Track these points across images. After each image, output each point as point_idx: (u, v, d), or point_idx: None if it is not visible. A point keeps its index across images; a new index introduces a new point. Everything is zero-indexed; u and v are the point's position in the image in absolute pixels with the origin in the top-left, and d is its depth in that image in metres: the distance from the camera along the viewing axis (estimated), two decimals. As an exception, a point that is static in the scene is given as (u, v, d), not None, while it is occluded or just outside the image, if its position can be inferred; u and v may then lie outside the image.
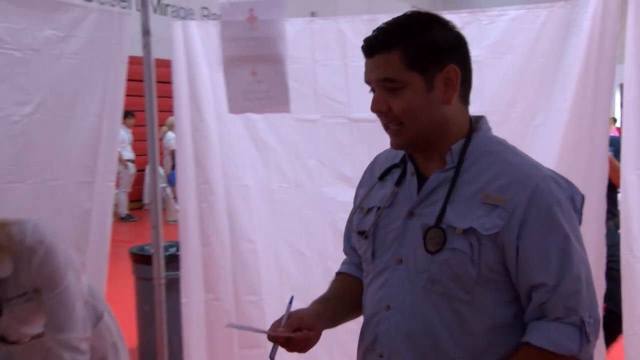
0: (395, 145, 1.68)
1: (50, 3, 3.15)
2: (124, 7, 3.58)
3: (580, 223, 1.65)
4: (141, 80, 3.32)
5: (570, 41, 2.98)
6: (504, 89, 3.13)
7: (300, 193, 3.53)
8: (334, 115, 3.38)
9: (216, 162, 3.53)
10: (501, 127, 2.95)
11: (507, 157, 1.65)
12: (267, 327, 1.79)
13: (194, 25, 3.52)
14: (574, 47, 2.96)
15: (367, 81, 1.67)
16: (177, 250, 4.81)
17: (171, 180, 9.89)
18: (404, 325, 1.64)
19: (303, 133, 3.46)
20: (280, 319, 1.78)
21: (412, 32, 1.62)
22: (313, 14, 3.83)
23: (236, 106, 3.32)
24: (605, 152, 2.99)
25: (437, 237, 1.58)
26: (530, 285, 1.58)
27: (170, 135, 10.91)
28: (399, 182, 1.74)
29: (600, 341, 3.02)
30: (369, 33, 3.19)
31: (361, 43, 3.28)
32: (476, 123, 1.71)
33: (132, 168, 12.13)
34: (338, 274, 2.00)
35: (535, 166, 1.65)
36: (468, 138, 1.66)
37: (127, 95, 3.48)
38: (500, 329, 1.62)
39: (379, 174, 1.82)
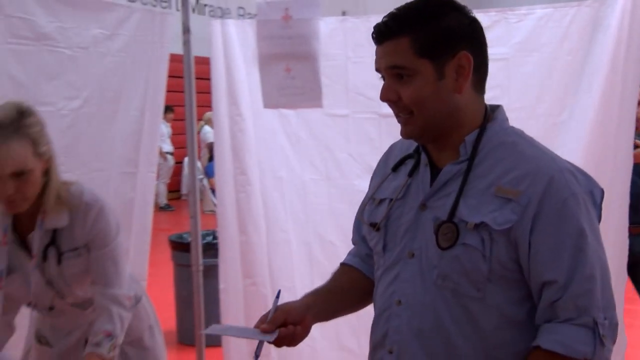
0: (405, 134, 1.57)
1: (98, 3, 3.19)
2: (164, 7, 3.60)
3: (600, 219, 1.53)
4: (181, 77, 3.34)
5: (597, 39, 2.95)
6: (531, 85, 3.10)
7: (330, 185, 3.51)
8: (364, 110, 3.36)
9: (252, 154, 3.53)
10: (528, 123, 2.97)
11: (522, 148, 1.53)
12: None
13: (231, 24, 3.52)
14: (601, 45, 2.94)
15: (377, 69, 1.57)
16: (214, 238, 4.90)
17: (208, 172, 9.98)
18: (415, 321, 1.55)
19: (334, 127, 3.44)
20: (268, 313, 1.71)
21: (423, 17, 1.51)
22: (344, 13, 3.81)
23: (271, 101, 3.32)
24: (630, 148, 2.95)
25: (449, 232, 1.48)
26: (542, 282, 1.47)
27: (207, 129, 11.01)
28: (411, 173, 1.64)
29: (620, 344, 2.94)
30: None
31: None
32: (492, 113, 1.59)
33: (170, 160, 12.32)
34: (342, 265, 1.91)
35: (552, 158, 1.52)
36: (482, 129, 1.54)
37: (168, 91, 3.51)
38: (512, 326, 1.51)
39: (393, 164, 1.72)
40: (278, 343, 1.67)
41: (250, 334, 1.71)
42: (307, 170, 3.54)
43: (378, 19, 3.20)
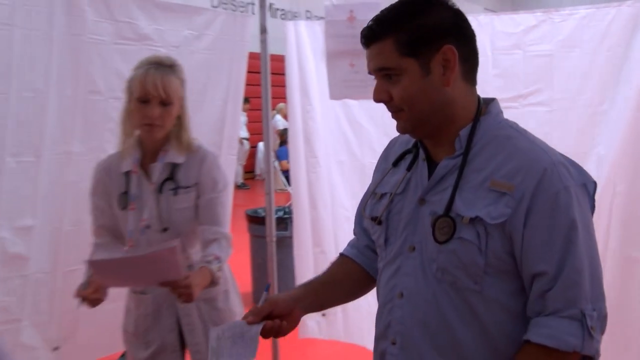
0: (400, 130, 1.51)
1: (188, 8, 3.34)
2: (242, 11, 3.70)
3: (593, 210, 1.44)
4: (258, 72, 3.43)
5: (636, 37, 2.93)
6: (573, 78, 3.10)
7: None
8: None
9: (321, 140, 3.64)
10: (569, 112, 3.06)
11: (516, 142, 1.44)
12: None
13: (302, 25, 3.63)
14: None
15: (369, 71, 1.49)
16: (284, 214, 5.09)
17: (279, 156, 10.17)
18: (418, 314, 1.47)
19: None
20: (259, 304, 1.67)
21: (404, 17, 1.42)
22: None
23: (336, 93, 3.36)
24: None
25: (446, 226, 1.40)
26: (533, 273, 1.38)
27: (278, 118, 11.28)
28: (410, 168, 1.56)
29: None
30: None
31: None
32: (486, 106, 1.50)
33: (246, 145, 12.67)
34: (340, 255, 1.83)
35: (545, 151, 1.42)
36: (476, 122, 1.46)
37: (246, 85, 3.60)
38: (512, 318, 1.42)
39: (393, 159, 1.64)
40: (264, 334, 1.62)
41: (238, 328, 1.63)
42: (367, 155, 3.57)
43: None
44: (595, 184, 1.44)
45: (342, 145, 3.66)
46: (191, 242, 2.48)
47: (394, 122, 3.39)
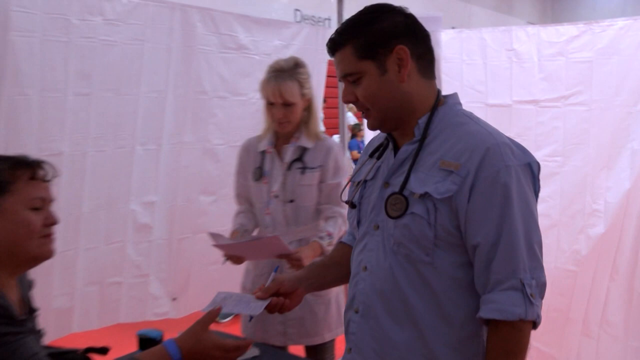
0: (369, 127, 1.53)
1: (278, 23, 3.60)
2: (321, 25, 3.95)
3: (538, 188, 1.45)
4: (334, 76, 3.64)
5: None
6: (610, 82, 3.14)
7: None
8: (474, 101, 3.48)
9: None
10: (606, 112, 3.17)
11: (467, 127, 1.44)
12: None
13: None
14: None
15: (338, 78, 1.52)
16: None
17: (349, 147, 10.45)
18: (377, 285, 1.48)
19: None
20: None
21: (359, 26, 1.45)
22: (453, 28, 4.00)
23: None
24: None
25: (398, 202, 1.41)
26: (472, 245, 1.39)
27: (349, 114, 11.48)
28: (380, 156, 1.59)
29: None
30: (504, 40, 3.43)
31: (497, 48, 3.48)
32: (444, 97, 1.53)
33: (322, 138, 12.89)
34: (339, 242, 1.88)
35: (491, 134, 1.42)
36: (433, 111, 1.47)
37: (325, 87, 3.81)
38: (462, 290, 1.43)
39: (370, 152, 1.67)
40: (271, 310, 1.71)
41: (245, 302, 1.71)
42: None
43: (487, 30, 3.51)
44: (538, 164, 1.44)
45: None
46: (312, 216, 2.63)
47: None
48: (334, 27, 3.87)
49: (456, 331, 1.44)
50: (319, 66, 3.66)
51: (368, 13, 1.48)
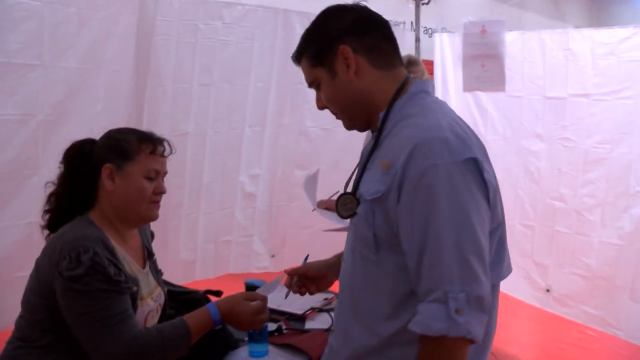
0: (346, 128, 1.35)
1: None
2: (396, 25, 3.99)
3: (485, 185, 1.13)
4: None
5: None
6: None
7: (505, 144, 3.71)
8: (534, 93, 3.52)
9: None
10: None
11: (413, 119, 1.19)
12: None
13: (446, 37, 3.91)
14: None
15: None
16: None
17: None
18: (345, 277, 1.32)
19: (512, 104, 3.63)
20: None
21: (307, 35, 1.31)
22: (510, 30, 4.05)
23: (469, 86, 3.63)
24: None
25: (348, 202, 1.23)
26: (403, 250, 1.14)
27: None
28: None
29: None
30: (561, 40, 3.47)
31: (555, 47, 3.51)
32: (405, 86, 1.26)
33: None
34: None
35: (429, 128, 1.14)
36: (392, 103, 1.24)
37: None
38: (407, 292, 1.17)
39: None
40: (301, 292, 1.69)
41: (273, 286, 1.73)
42: (489, 133, 3.77)
43: (547, 32, 3.55)
44: (475, 159, 1.12)
45: (470, 125, 3.75)
46: None
47: (512, 109, 3.73)
48: (408, 30, 4.02)
49: (403, 333, 1.17)
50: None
51: (317, 19, 1.32)
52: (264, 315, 1.59)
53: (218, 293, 2.00)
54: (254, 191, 3.29)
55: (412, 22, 4.01)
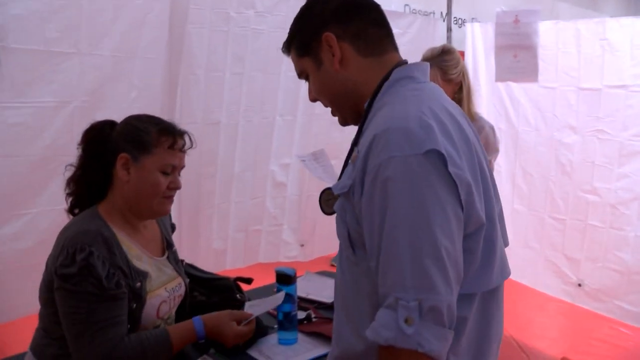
0: (340, 124, 1.24)
1: (395, 13, 3.65)
2: (426, 15, 3.94)
3: (453, 179, 0.96)
4: None
5: None
6: None
7: (537, 135, 3.63)
8: (568, 84, 3.43)
9: (484, 110, 3.72)
10: None
11: (384, 110, 1.06)
12: None
13: (478, 26, 3.81)
14: None
15: None
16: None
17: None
18: (336, 277, 1.18)
19: (545, 95, 3.55)
20: None
21: (294, 25, 1.21)
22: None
23: (500, 76, 3.54)
24: None
25: (331, 199, 1.10)
26: (367, 250, 1.01)
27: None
28: None
29: None
30: (597, 30, 3.35)
31: (591, 37, 3.40)
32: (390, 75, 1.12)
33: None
34: None
35: (393, 117, 1.00)
36: (376, 93, 1.11)
37: None
38: None
39: None
40: None
41: (276, 301, 1.66)
42: (521, 124, 3.68)
43: (583, 22, 3.43)
44: (439, 152, 0.95)
45: (502, 116, 3.76)
46: None
47: (545, 100, 3.61)
48: (439, 20, 3.94)
49: None
50: (430, 52, 3.67)
51: (304, 7, 1.22)
52: (248, 335, 1.55)
53: (248, 280, 1.98)
54: (284, 180, 3.26)
55: (441, 12, 3.93)
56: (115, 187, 1.50)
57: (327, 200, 1.19)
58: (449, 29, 3.61)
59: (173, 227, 1.79)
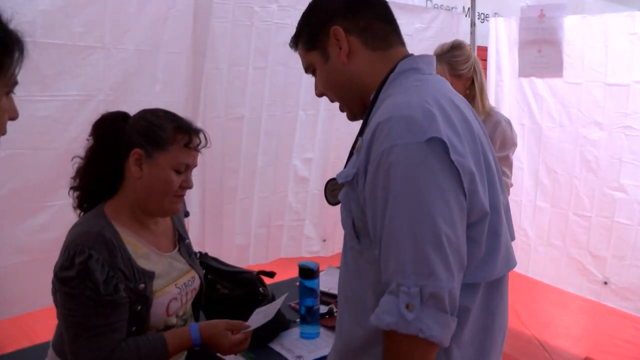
0: (348, 118, 1.24)
1: (418, 8, 3.62)
2: (448, 10, 3.86)
3: (456, 167, 0.96)
4: None
5: None
6: None
7: (561, 132, 3.55)
8: (594, 80, 3.34)
9: (507, 106, 3.73)
10: None
11: (388, 101, 1.06)
12: None
13: (502, 21, 3.74)
14: None
15: None
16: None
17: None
18: (340, 268, 1.19)
19: (570, 91, 3.46)
20: None
21: (302, 21, 1.22)
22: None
23: (524, 72, 3.49)
24: None
25: (336, 189, 1.16)
26: (371, 238, 1.02)
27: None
28: None
29: None
30: (626, 24, 3.26)
31: (618, 31, 3.32)
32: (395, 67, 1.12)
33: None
34: None
35: (395, 106, 1.01)
36: (382, 86, 1.12)
37: None
38: None
39: None
40: None
41: (275, 307, 1.61)
42: (545, 121, 3.61)
43: (611, 16, 3.33)
44: (441, 140, 0.96)
45: (524, 111, 3.69)
46: None
47: (570, 96, 3.51)
48: (461, 15, 3.88)
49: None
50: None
51: (311, 3, 1.22)
52: (243, 345, 1.49)
53: (271, 274, 1.96)
54: (306, 175, 3.22)
55: (463, 7, 3.87)
56: (127, 181, 1.44)
57: (332, 191, 1.21)
58: (473, 24, 3.54)
59: (187, 214, 1.73)
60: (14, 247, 2.21)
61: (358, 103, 1.17)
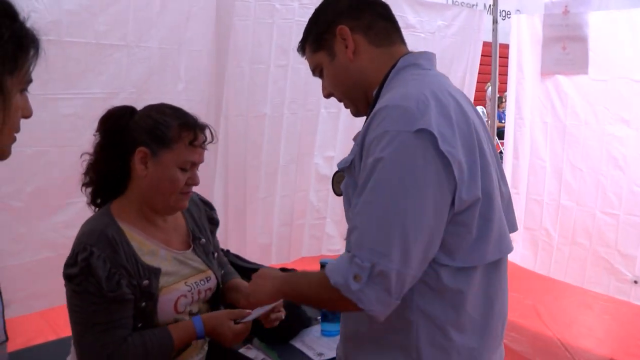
0: (353, 115, 1.27)
1: (442, 5, 3.57)
2: (469, 7, 3.82)
3: (446, 159, 0.98)
4: (488, 55, 3.57)
5: None
6: None
7: (586, 129, 3.47)
8: (621, 76, 3.25)
9: (528, 104, 3.67)
10: None
11: (388, 94, 1.10)
12: None
13: (524, 18, 3.67)
14: None
15: None
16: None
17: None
18: None
19: (596, 88, 3.37)
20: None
21: (309, 24, 1.27)
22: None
23: (547, 70, 3.44)
24: None
25: (342, 180, 1.14)
26: None
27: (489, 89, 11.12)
28: None
29: None
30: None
31: None
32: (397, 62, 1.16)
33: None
34: None
35: (393, 97, 1.05)
36: (384, 81, 1.15)
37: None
38: None
39: None
40: None
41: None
42: (569, 118, 3.52)
43: (637, 12, 3.22)
44: (431, 132, 0.98)
45: (547, 110, 3.62)
46: None
47: (596, 93, 3.40)
48: (483, 11, 3.83)
49: (394, 318, 1.05)
50: (475, 45, 3.60)
51: (317, 8, 1.27)
52: (245, 333, 1.48)
53: (292, 271, 1.94)
54: (327, 173, 3.17)
55: (485, 4, 3.81)
56: (132, 180, 1.44)
57: (338, 182, 1.21)
58: (495, 21, 3.47)
59: (216, 222, 1.68)
60: (40, 242, 2.21)
61: (362, 99, 1.20)
